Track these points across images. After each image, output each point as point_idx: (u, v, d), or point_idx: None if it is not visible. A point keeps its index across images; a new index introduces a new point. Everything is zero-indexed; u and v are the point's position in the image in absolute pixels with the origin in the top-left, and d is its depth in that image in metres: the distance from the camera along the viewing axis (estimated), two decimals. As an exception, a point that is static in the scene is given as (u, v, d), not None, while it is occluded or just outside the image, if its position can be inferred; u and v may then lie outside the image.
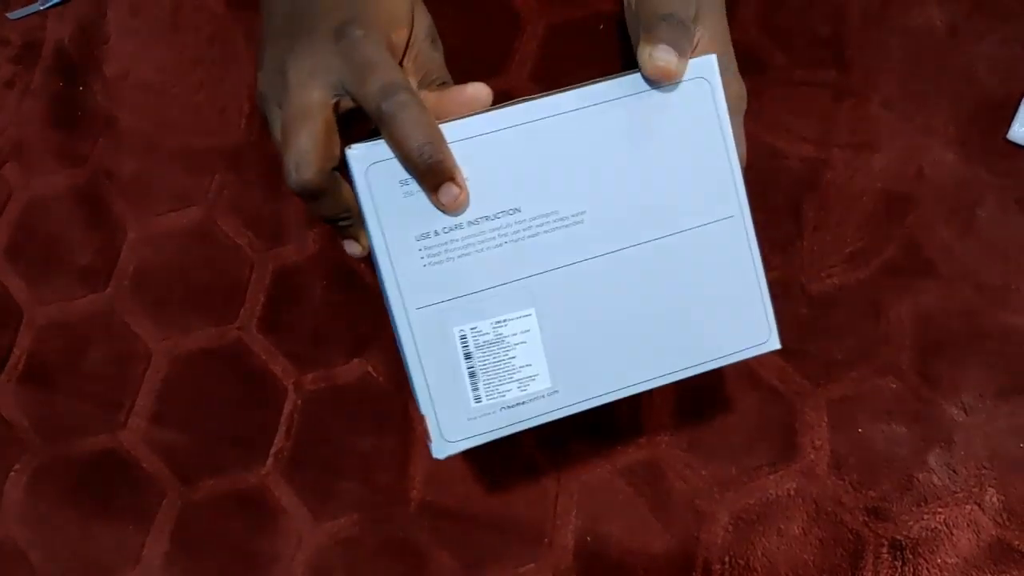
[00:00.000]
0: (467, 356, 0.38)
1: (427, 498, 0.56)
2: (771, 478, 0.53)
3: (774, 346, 0.41)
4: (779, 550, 0.52)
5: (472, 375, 0.38)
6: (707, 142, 0.39)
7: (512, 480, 0.56)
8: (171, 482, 0.59)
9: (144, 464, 0.60)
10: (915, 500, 0.52)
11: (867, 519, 0.52)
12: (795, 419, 0.54)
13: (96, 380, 0.62)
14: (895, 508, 0.52)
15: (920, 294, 0.55)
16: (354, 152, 0.37)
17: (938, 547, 0.51)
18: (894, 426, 0.53)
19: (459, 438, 0.39)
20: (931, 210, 0.57)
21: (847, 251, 0.57)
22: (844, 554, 0.51)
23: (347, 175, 0.38)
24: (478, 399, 0.39)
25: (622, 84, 0.38)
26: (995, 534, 0.51)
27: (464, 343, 0.38)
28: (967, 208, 0.57)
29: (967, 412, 0.53)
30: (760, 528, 0.53)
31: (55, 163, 0.68)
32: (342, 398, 0.59)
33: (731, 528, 0.53)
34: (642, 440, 0.55)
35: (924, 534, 0.51)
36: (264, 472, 0.58)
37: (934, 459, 0.53)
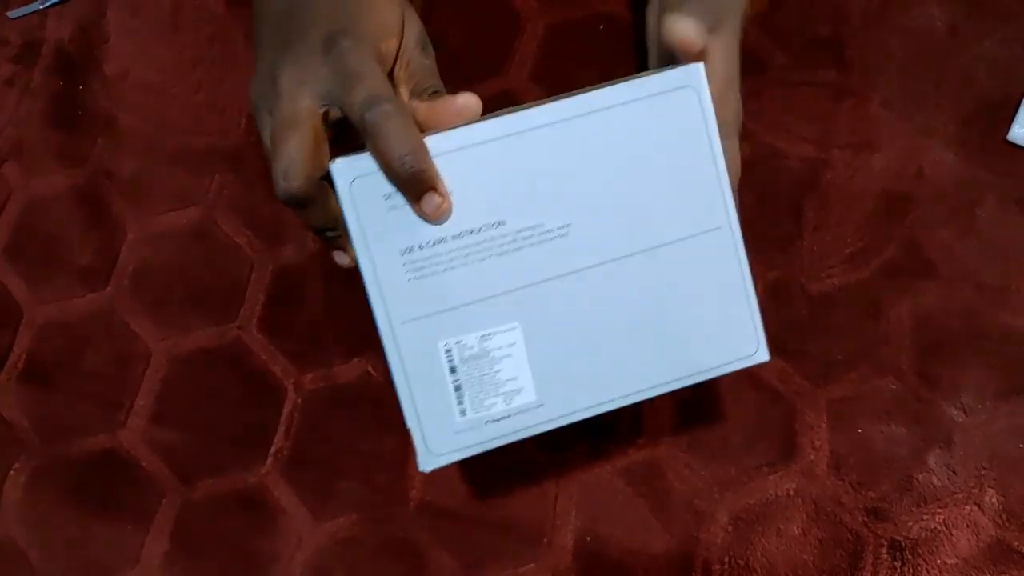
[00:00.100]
0: (452, 370, 0.38)
1: (427, 498, 0.56)
2: (771, 478, 0.53)
3: (763, 358, 0.40)
4: (779, 550, 0.52)
5: (457, 389, 0.38)
6: (695, 152, 0.39)
7: (512, 480, 0.56)
8: (171, 482, 0.59)
9: (144, 464, 0.60)
10: (915, 501, 0.52)
11: (867, 519, 0.52)
12: (795, 419, 0.54)
13: (96, 380, 0.62)
14: (895, 509, 0.52)
15: (920, 294, 0.56)
16: (338, 166, 0.37)
17: (938, 548, 0.51)
18: (894, 426, 0.53)
19: (445, 451, 0.39)
20: (931, 210, 0.57)
21: (847, 251, 0.57)
22: (843, 554, 0.51)
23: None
24: (463, 412, 0.39)
25: (608, 95, 0.38)
26: (995, 535, 0.51)
27: (449, 357, 0.38)
28: (967, 208, 0.57)
29: (967, 413, 0.53)
30: (760, 528, 0.53)
31: (55, 163, 0.68)
32: (342, 398, 0.59)
33: (731, 528, 0.53)
34: (641, 440, 0.55)
35: (924, 535, 0.51)
36: (264, 472, 0.58)
37: (934, 460, 0.53)
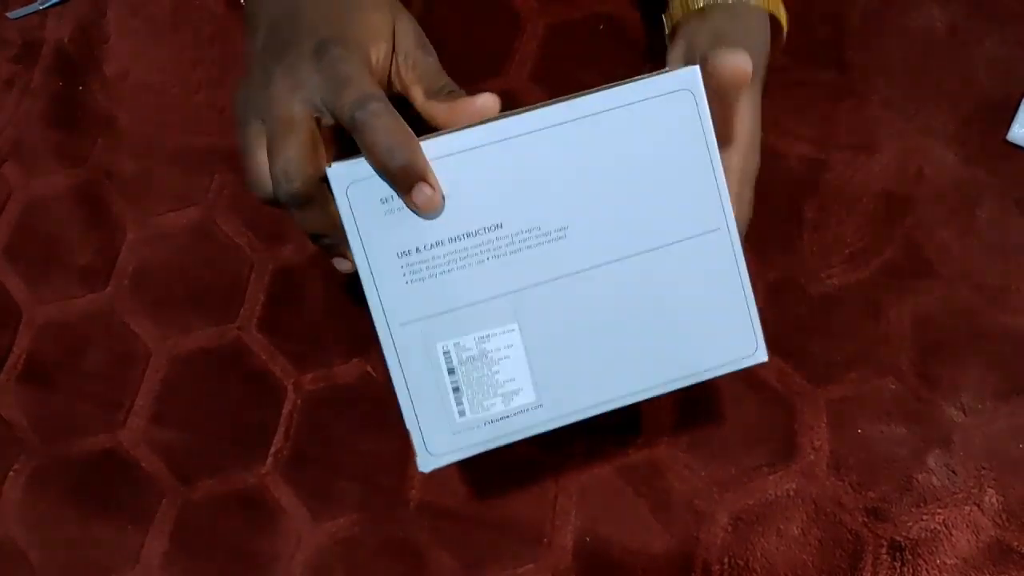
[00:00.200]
0: (451, 371, 0.39)
1: (426, 498, 0.56)
2: (770, 479, 0.53)
3: (761, 359, 0.40)
4: (778, 551, 0.52)
5: (456, 390, 0.39)
6: (692, 154, 0.39)
7: (511, 480, 0.56)
8: (170, 482, 0.59)
9: (143, 464, 0.60)
10: (914, 501, 0.52)
11: (866, 520, 0.52)
12: (794, 420, 0.54)
13: (95, 380, 0.62)
14: (894, 509, 0.52)
15: (920, 295, 0.56)
16: (334, 170, 0.37)
17: (937, 548, 0.51)
18: (893, 427, 0.54)
19: (444, 452, 0.39)
20: (931, 211, 0.57)
21: (846, 252, 0.57)
22: (843, 555, 0.51)
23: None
24: (462, 413, 0.39)
25: (604, 98, 0.38)
26: (994, 535, 0.51)
27: (447, 358, 0.39)
28: (967, 209, 0.57)
29: (966, 413, 0.53)
30: (759, 529, 0.53)
31: (54, 163, 0.68)
32: (342, 398, 0.59)
33: (730, 528, 0.53)
34: (641, 440, 0.55)
35: (923, 535, 0.51)
36: (263, 472, 0.58)
37: (933, 460, 0.53)
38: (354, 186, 0.37)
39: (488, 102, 0.39)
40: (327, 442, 0.58)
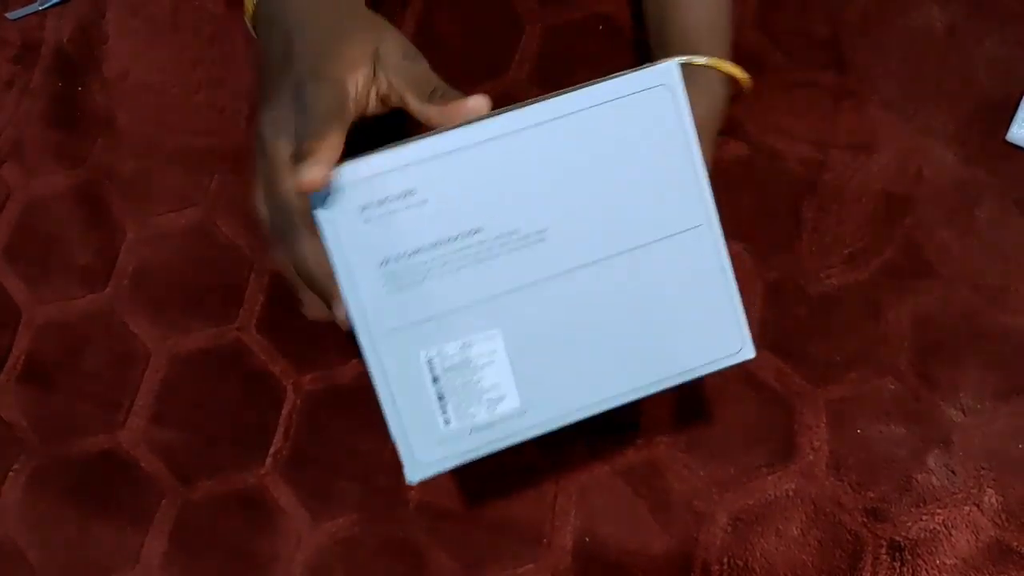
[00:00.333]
0: (434, 380, 0.38)
1: (426, 498, 0.56)
2: (770, 479, 0.53)
3: (748, 355, 0.40)
4: (778, 551, 0.52)
5: (440, 398, 0.38)
6: (672, 151, 0.38)
7: (511, 481, 0.56)
8: (170, 482, 0.59)
9: (143, 464, 0.60)
10: (914, 501, 0.52)
11: (866, 520, 0.52)
12: (794, 420, 0.54)
13: (95, 380, 0.62)
14: (894, 509, 0.52)
15: (919, 295, 0.56)
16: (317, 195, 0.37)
17: (937, 548, 0.51)
18: (893, 427, 0.53)
19: (431, 461, 0.39)
20: (930, 211, 0.57)
21: (846, 252, 0.57)
22: (843, 555, 0.51)
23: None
24: (447, 422, 0.38)
25: (582, 97, 0.38)
26: (994, 535, 0.51)
27: (431, 367, 0.38)
28: (966, 209, 0.57)
29: (966, 413, 0.53)
30: (759, 529, 0.53)
31: (54, 163, 0.68)
32: (341, 398, 0.59)
33: (730, 529, 0.53)
34: (640, 441, 0.55)
35: (923, 535, 0.51)
36: (263, 472, 0.58)
37: (933, 460, 0.53)
38: (332, 195, 0.37)
39: (479, 103, 0.40)
40: (327, 442, 0.58)
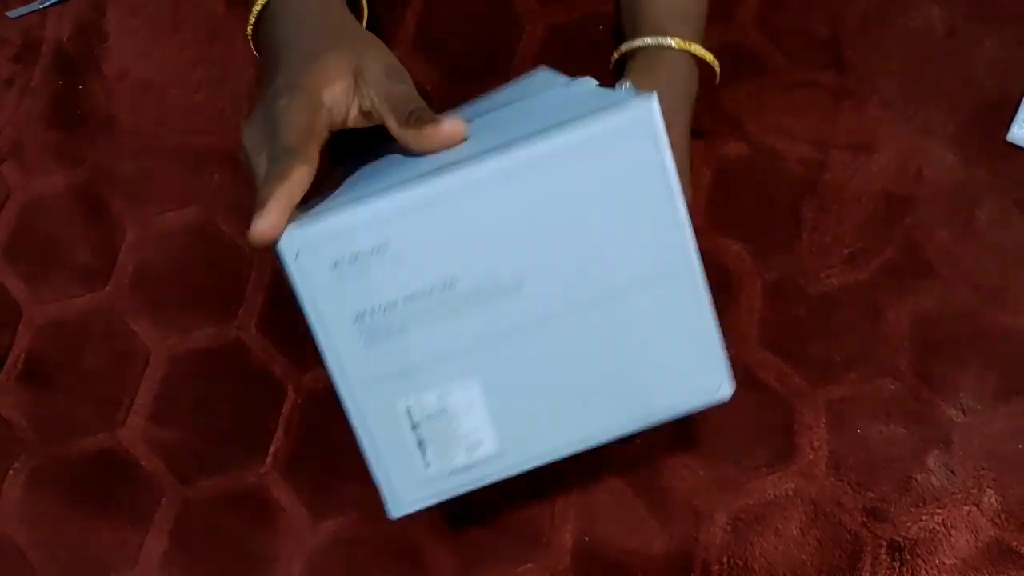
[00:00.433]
0: (414, 427, 0.39)
1: (426, 498, 0.56)
2: (769, 479, 0.53)
3: (726, 394, 0.40)
4: (777, 551, 0.52)
5: (420, 444, 0.39)
6: (651, 193, 0.37)
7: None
8: (170, 481, 0.59)
9: (143, 463, 0.60)
10: (913, 501, 0.52)
11: (865, 520, 0.52)
12: (793, 420, 0.54)
13: (95, 379, 0.62)
14: (893, 509, 0.52)
15: (919, 295, 0.56)
16: (283, 241, 0.37)
17: (936, 548, 0.51)
18: (893, 427, 0.54)
19: (412, 500, 0.40)
20: (930, 211, 0.57)
21: (846, 252, 0.57)
22: (842, 555, 0.52)
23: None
24: (428, 465, 0.39)
25: (556, 141, 0.36)
26: (993, 535, 0.51)
27: (410, 415, 0.38)
28: (966, 209, 0.57)
29: (965, 413, 0.53)
30: (759, 529, 0.53)
31: (54, 162, 0.68)
32: (341, 398, 0.59)
33: (729, 528, 0.53)
34: (640, 440, 0.55)
35: (923, 535, 0.51)
36: (263, 472, 0.58)
37: (933, 460, 0.53)
38: (303, 253, 0.37)
39: (455, 129, 0.40)
40: (327, 442, 0.58)
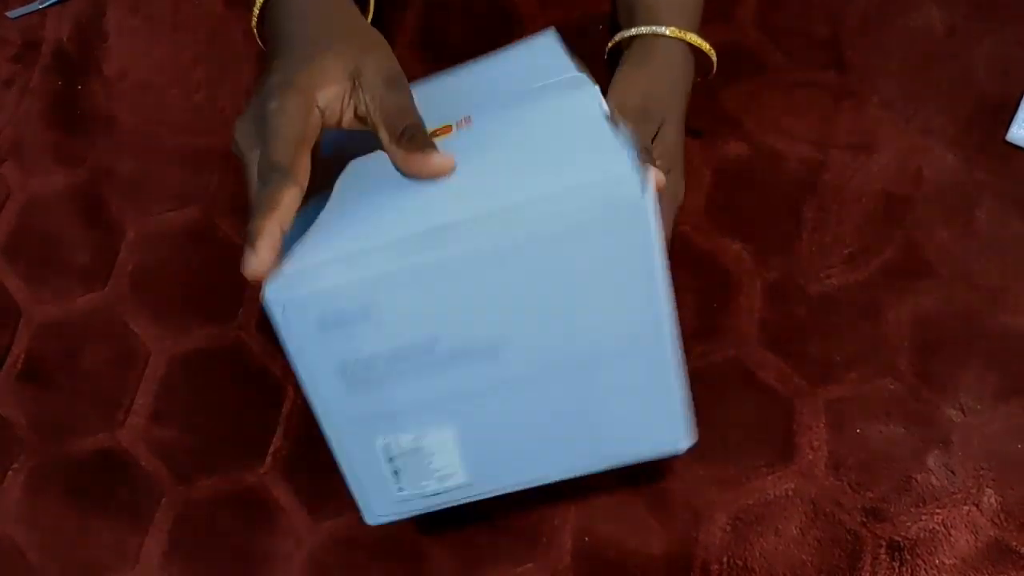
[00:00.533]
0: (390, 460, 0.41)
1: (425, 498, 0.56)
2: (769, 479, 0.53)
3: (685, 446, 0.42)
4: (777, 551, 0.52)
5: (395, 473, 0.42)
6: (635, 273, 0.38)
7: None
8: (169, 481, 0.59)
9: (142, 463, 0.60)
10: (913, 501, 0.52)
11: (865, 520, 0.52)
12: (793, 420, 0.54)
13: (94, 379, 0.62)
14: (893, 509, 0.52)
15: (919, 295, 0.56)
16: (269, 295, 0.38)
17: (936, 548, 0.51)
18: (892, 427, 0.54)
19: (387, 514, 0.43)
20: (930, 211, 0.57)
21: (846, 252, 0.57)
22: (842, 555, 0.51)
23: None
24: (401, 489, 0.42)
25: (541, 213, 0.37)
26: (993, 535, 0.51)
27: (386, 450, 0.41)
28: (966, 209, 0.57)
29: (965, 413, 0.53)
30: (758, 528, 0.53)
31: (54, 162, 0.68)
32: (341, 398, 0.59)
33: (729, 528, 0.53)
34: (641, 440, 0.55)
35: (922, 535, 0.51)
36: (263, 471, 0.58)
37: (932, 460, 0.53)
38: (289, 308, 0.38)
39: (443, 165, 0.40)
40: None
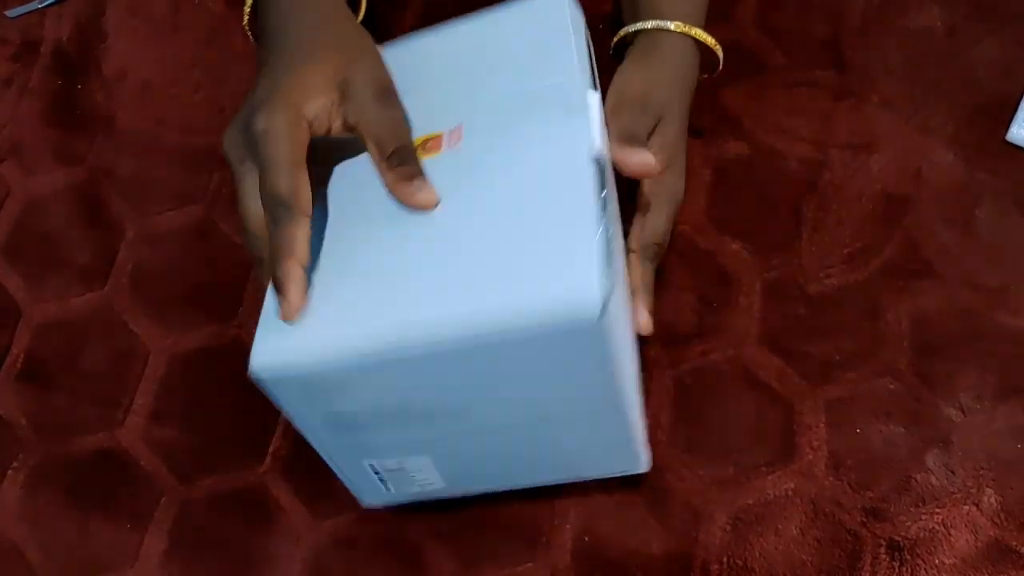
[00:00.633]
0: (376, 474, 0.47)
1: (425, 498, 0.56)
2: (769, 478, 0.53)
3: (644, 468, 0.49)
4: (777, 550, 0.52)
5: (382, 480, 0.48)
6: (593, 374, 0.41)
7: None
8: (169, 481, 0.59)
9: (142, 463, 0.60)
10: (913, 501, 0.52)
11: (865, 519, 0.52)
12: (793, 419, 0.54)
13: (94, 379, 0.62)
14: (893, 508, 0.52)
15: (918, 295, 0.56)
16: (255, 366, 0.40)
17: (936, 548, 0.51)
18: (892, 427, 0.54)
19: (376, 504, 0.51)
20: (930, 211, 0.57)
21: (845, 252, 0.57)
22: (842, 554, 0.52)
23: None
24: (388, 490, 0.49)
25: (505, 329, 0.38)
26: (993, 535, 0.51)
27: (373, 468, 0.47)
28: (966, 209, 0.57)
29: (965, 413, 0.53)
30: (758, 528, 0.53)
31: (53, 162, 0.68)
32: (340, 397, 0.59)
33: (729, 528, 0.53)
34: (640, 440, 0.55)
35: (922, 535, 0.51)
36: (263, 471, 0.58)
37: (932, 460, 0.53)
38: (272, 379, 0.41)
39: (429, 201, 0.41)
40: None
